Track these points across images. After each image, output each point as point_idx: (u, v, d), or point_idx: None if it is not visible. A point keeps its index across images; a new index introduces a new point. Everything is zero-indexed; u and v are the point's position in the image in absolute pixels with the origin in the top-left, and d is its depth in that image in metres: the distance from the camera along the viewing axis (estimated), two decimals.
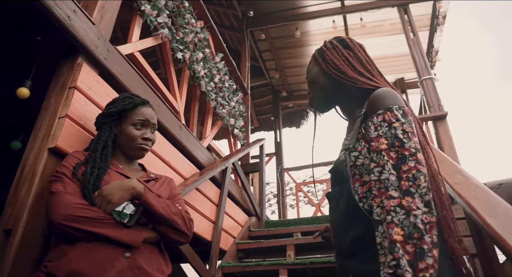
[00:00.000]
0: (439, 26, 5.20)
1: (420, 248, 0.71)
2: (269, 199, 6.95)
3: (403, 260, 0.71)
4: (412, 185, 0.77)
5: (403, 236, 0.73)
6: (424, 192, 0.76)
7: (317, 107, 1.16)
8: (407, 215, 0.74)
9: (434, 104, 3.62)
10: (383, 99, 0.91)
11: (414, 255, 0.70)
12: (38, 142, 1.37)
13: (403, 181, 0.78)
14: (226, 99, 3.59)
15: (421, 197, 0.76)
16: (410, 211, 0.74)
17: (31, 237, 1.21)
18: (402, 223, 0.74)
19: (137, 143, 1.34)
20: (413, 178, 0.78)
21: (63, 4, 1.46)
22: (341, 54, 1.09)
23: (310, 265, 2.35)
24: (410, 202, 0.75)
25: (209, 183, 2.68)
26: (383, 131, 0.86)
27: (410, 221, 0.73)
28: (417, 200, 0.76)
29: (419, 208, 0.74)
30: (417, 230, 0.72)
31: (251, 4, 5.35)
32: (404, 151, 0.81)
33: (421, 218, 0.74)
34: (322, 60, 1.12)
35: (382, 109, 0.89)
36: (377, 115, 0.89)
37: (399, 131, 0.84)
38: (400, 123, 0.85)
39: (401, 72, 6.32)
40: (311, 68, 1.16)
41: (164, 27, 2.47)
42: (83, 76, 1.51)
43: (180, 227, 1.21)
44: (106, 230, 1.07)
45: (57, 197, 1.08)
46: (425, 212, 0.74)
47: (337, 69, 1.06)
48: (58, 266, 1.02)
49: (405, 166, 0.80)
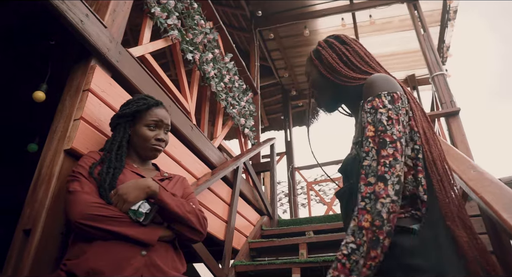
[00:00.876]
0: (450, 21, 5.13)
1: (376, 237, 0.74)
2: (280, 198, 6.95)
3: (363, 247, 0.74)
4: (387, 172, 0.79)
5: (369, 223, 0.76)
6: (396, 180, 0.78)
7: (325, 109, 1.18)
8: (376, 201, 0.77)
9: (446, 100, 3.57)
10: (374, 86, 0.93)
11: (370, 243, 0.74)
12: (54, 144, 1.41)
13: (380, 166, 0.80)
14: (236, 99, 3.61)
15: (393, 185, 0.78)
16: (378, 198, 0.77)
17: (49, 237, 1.23)
18: (371, 210, 0.77)
19: (151, 143, 1.36)
20: (389, 165, 0.80)
21: (76, 8, 1.49)
22: (338, 49, 1.08)
23: (323, 263, 2.35)
24: (382, 189, 0.78)
25: (221, 183, 2.70)
26: (371, 119, 0.89)
27: (376, 208, 0.76)
28: (389, 187, 0.78)
29: (389, 196, 0.77)
30: (380, 219, 0.75)
31: (259, 4, 5.36)
32: (385, 137, 0.84)
33: (388, 207, 0.76)
34: (318, 61, 1.12)
35: (372, 95, 0.92)
36: (367, 102, 0.92)
37: (384, 117, 0.86)
38: (386, 109, 0.88)
39: (412, 68, 6.25)
40: (310, 70, 1.16)
41: (174, 28, 2.49)
42: (96, 78, 1.54)
43: (194, 225, 1.23)
44: (123, 228, 1.09)
45: (75, 196, 1.11)
46: (394, 200, 0.77)
47: (333, 70, 1.06)
48: (77, 264, 1.04)
49: (384, 151, 0.82)
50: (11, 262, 1.20)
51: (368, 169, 0.82)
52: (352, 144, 1.02)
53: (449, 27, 5.23)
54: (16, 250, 1.22)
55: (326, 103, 1.15)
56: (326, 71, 1.08)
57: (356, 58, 1.06)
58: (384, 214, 0.75)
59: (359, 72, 1.03)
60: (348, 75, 1.03)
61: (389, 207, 0.76)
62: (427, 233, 0.81)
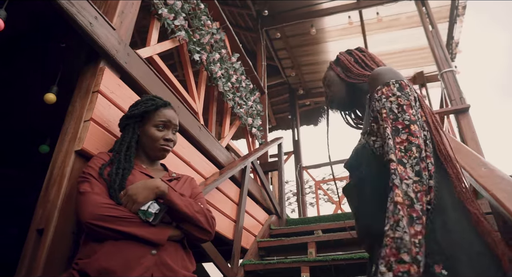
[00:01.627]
0: (459, 17, 5.07)
1: (410, 215, 0.75)
2: (288, 197, 6.94)
3: (402, 222, 0.74)
4: (404, 156, 0.83)
5: (401, 198, 0.78)
6: (415, 162, 0.82)
7: (337, 106, 1.26)
8: (401, 181, 0.80)
9: (455, 97, 3.54)
10: (380, 76, 0.99)
11: (408, 219, 0.75)
12: (65, 145, 1.43)
13: (397, 150, 0.84)
14: (243, 99, 3.62)
15: (412, 167, 0.82)
16: (402, 179, 0.80)
17: (62, 236, 1.26)
18: (399, 187, 0.79)
19: (159, 144, 1.37)
20: (405, 149, 0.84)
21: (85, 11, 1.51)
22: (356, 55, 1.22)
23: (332, 262, 2.35)
24: (403, 171, 0.81)
25: (229, 182, 2.71)
26: (383, 105, 0.93)
27: (403, 188, 0.79)
28: (408, 170, 0.81)
29: (410, 178, 0.80)
30: (408, 198, 0.77)
31: (265, 4, 5.36)
32: (397, 125, 0.88)
33: (412, 188, 0.79)
34: (335, 65, 1.26)
35: (380, 84, 0.96)
36: (377, 91, 0.96)
37: (394, 105, 0.91)
38: (395, 97, 0.92)
39: (420, 65, 6.19)
40: (327, 74, 1.29)
41: (181, 29, 2.51)
42: (105, 80, 1.56)
43: (203, 225, 1.24)
44: (133, 228, 1.10)
45: (85, 197, 1.12)
46: (416, 181, 0.80)
47: (347, 70, 1.18)
48: (88, 263, 1.06)
49: (398, 138, 0.86)
50: (25, 261, 1.22)
51: (387, 147, 0.86)
52: (361, 134, 1.07)
53: (458, 23, 5.18)
54: (30, 249, 1.25)
55: (339, 100, 1.23)
56: (342, 72, 1.21)
57: (370, 61, 1.18)
58: (411, 193, 0.78)
59: (369, 70, 1.13)
60: (360, 73, 1.13)
61: (413, 187, 0.79)
62: (437, 219, 0.82)
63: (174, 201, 1.17)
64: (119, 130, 1.45)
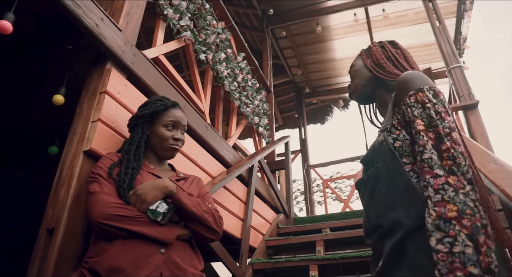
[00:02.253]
0: (467, 12, 5.01)
1: (475, 224, 0.72)
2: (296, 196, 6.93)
3: (460, 236, 0.71)
4: (453, 165, 0.79)
5: (457, 211, 0.74)
6: (465, 170, 0.78)
7: (356, 98, 1.22)
8: (456, 193, 0.75)
9: (464, 93, 3.49)
10: (412, 81, 0.94)
11: (472, 230, 0.71)
12: (73, 146, 1.44)
13: (444, 161, 0.80)
14: (250, 98, 3.62)
15: (463, 175, 0.77)
16: (458, 189, 0.76)
17: (71, 235, 1.27)
18: (453, 199, 0.75)
19: (169, 143, 1.39)
20: (453, 157, 0.80)
21: (91, 13, 1.52)
22: (388, 51, 1.16)
23: (340, 260, 2.34)
24: (456, 181, 0.77)
25: (236, 181, 2.71)
26: (418, 112, 0.89)
27: (460, 198, 0.75)
28: (461, 178, 0.77)
29: (465, 186, 0.76)
30: (468, 207, 0.73)
31: (270, 3, 5.36)
32: (439, 131, 0.84)
33: (470, 197, 0.75)
34: (366, 56, 1.20)
35: (413, 90, 0.92)
36: (409, 97, 0.92)
37: (432, 112, 0.86)
38: (432, 103, 0.88)
39: (428, 62, 6.13)
40: (355, 62, 1.23)
41: (187, 29, 2.52)
42: (112, 81, 1.58)
43: (210, 225, 1.25)
44: (142, 228, 1.11)
45: (95, 197, 1.14)
46: (471, 189, 0.76)
47: (377, 64, 1.13)
48: (98, 262, 1.07)
49: (444, 145, 0.82)
50: (36, 260, 1.24)
51: (431, 161, 0.82)
52: (379, 131, 1.05)
53: (465, 18, 5.11)
54: (40, 249, 1.27)
55: (360, 93, 1.19)
56: (371, 64, 1.15)
57: (403, 60, 1.13)
58: (470, 202, 0.74)
59: (403, 70, 1.08)
60: (391, 71, 1.09)
61: (471, 196, 0.75)
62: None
63: (182, 200, 1.18)
64: (128, 131, 1.46)
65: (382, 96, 1.13)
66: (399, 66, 1.10)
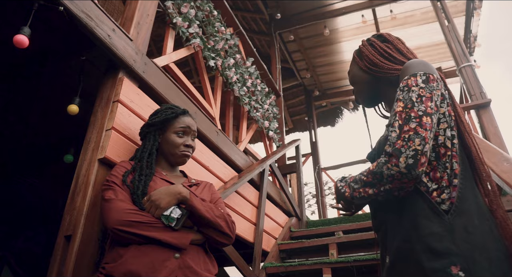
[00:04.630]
0: (476, 10, 4.96)
1: (370, 183, 0.92)
2: (308, 199, 6.90)
3: (360, 179, 0.96)
4: (404, 145, 0.82)
5: (371, 174, 0.91)
6: (411, 154, 0.81)
7: (362, 102, 1.20)
8: (384, 164, 0.86)
9: (475, 92, 3.45)
10: (410, 67, 0.96)
11: (366, 182, 0.93)
12: (88, 154, 1.48)
13: (399, 140, 0.84)
14: (259, 102, 3.64)
15: (406, 158, 0.81)
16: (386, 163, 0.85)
17: (88, 242, 1.30)
18: (376, 169, 0.89)
19: (180, 150, 1.41)
20: (408, 139, 0.82)
21: (103, 24, 1.57)
22: (379, 47, 1.11)
23: (354, 263, 2.33)
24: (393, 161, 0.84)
25: (248, 186, 2.72)
26: (403, 96, 0.91)
27: (381, 169, 0.86)
28: (401, 159, 0.82)
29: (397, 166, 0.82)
30: (380, 175, 0.87)
31: (277, 7, 5.39)
32: (411, 113, 0.86)
33: (390, 173, 0.84)
34: (359, 59, 1.17)
35: (407, 75, 0.94)
36: (402, 81, 0.94)
37: (414, 95, 0.89)
38: (418, 88, 0.90)
39: (438, 61, 6.07)
40: (351, 68, 1.21)
41: (196, 37, 2.55)
42: (124, 90, 1.61)
43: (223, 230, 1.26)
44: (156, 233, 1.13)
45: (110, 204, 1.17)
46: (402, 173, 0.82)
47: (372, 63, 1.10)
48: (115, 267, 1.09)
49: (406, 126, 0.84)
50: (55, 266, 1.28)
51: (390, 139, 0.87)
52: (386, 126, 1.05)
53: (475, 17, 5.05)
54: (58, 255, 1.30)
55: (365, 97, 1.18)
56: (366, 66, 1.13)
57: (396, 53, 1.09)
58: (384, 174, 0.85)
59: (400, 64, 1.06)
60: (390, 67, 1.06)
61: (393, 173, 0.83)
62: (457, 220, 0.81)
63: (195, 206, 1.20)
64: (140, 139, 1.49)
65: (387, 94, 1.11)
66: (395, 60, 1.07)
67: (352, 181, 0.99)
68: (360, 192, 0.94)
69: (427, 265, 0.77)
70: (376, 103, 1.21)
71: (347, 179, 1.05)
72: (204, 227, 1.24)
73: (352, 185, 0.99)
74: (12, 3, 1.56)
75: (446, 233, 0.79)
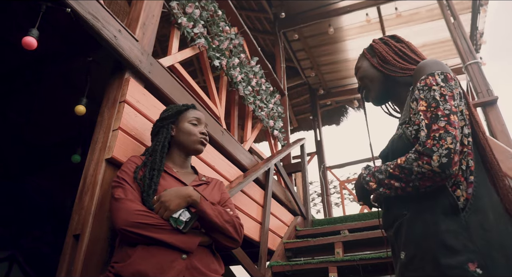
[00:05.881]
0: (482, 7, 4.92)
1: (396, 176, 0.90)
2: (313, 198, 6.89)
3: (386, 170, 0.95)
4: (436, 144, 0.82)
5: (399, 168, 0.90)
6: (444, 153, 0.81)
7: (372, 100, 1.19)
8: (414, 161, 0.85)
9: (482, 90, 3.43)
10: (426, 67, 0.96)
11: (391, 175, 0.92)
12: (96, 154, 1.50)
13: (429, 139, 0.83)
14: (264, 102, 3.64)
15: (439, 157, 0.81)
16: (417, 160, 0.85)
17: (97, 241, 1.32)
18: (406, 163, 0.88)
19: (198, 136, 1.46)
20: (439, 138, 0.82)
21: (109, 25, 1.58)
22: (394, 46, 1.13)
23: (360, 261, 2.33)
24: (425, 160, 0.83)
25: (253, 185, 2.73)
26: (424, 95, 0.92)
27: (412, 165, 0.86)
28: (434, 158, 0.81)
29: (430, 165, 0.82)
30: (409, 172, 0.86)
31: (282, 6, 5.38)
32: (438, 111, 0.86)
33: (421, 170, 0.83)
34: (371, 55, 1.17)
35: (424, 75, 0.94)
36: (420, 81, 0.94)
37: (437, 94, 0.89)
38: (439, 86, 0.90)
39: (444, 58, 6.03)
40: (360, 65, 1.20)
41: (201, 37, 2.56)
42: (131, 90, 1.63)
43: (231, 235, 1.27)
44: (164, 236, 1.14)
45: (119, 203, 1.18)
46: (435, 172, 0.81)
47: (385, 61, 1.11)
48: (124, 267, 1.11)
49: (435, 125, 0.84)
50: (64, 265, 1.29)
51: (420, 138, 0.86)
52: (399, 124, 1.06)
53: (481, 13, 5.01)
54: (67, 255, 1.31)
55: (376, 94, 1.17)
56: (379, 63, 1.13)
57: (411, 53, 1.11)
58: (414, 171, 0.85)
59: (415, 63, 1.06)
60: (404, 66, 1.07)
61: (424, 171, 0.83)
62: (472, 217, 0.82)
63: (205, 211, 1.20)
64: (151, 138, 1.51)
65: (399, 93, 1.11)
66: (410, 59, 1.08)
67: (377, 171, 0.98)
68: (386, 183, 0.92)
69: (443, 262, 0.77)
70: (385, 102, 1.21)
71: (370, 168, 1.03)
72: (212, 231, 1.24)
73: (376, 174, 0.97)
74: (21, 6, 1.58)
75: (462, 230, 0.79)
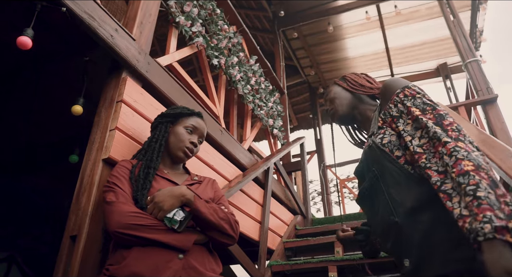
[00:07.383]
0: (482, 5, 4.90)
1: (491, 177, 0.73)
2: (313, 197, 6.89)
3: (482, 184, 0.71)
4: (459, 135, 0.83)
5: (473, 166, 0.75)
6: (471, 140, 0.82)
7: (338, 119, 1.31)
8: (469, 153, 0.78)
9: (482, 88, 3.41)
10: (395, 82, 1.03)
11: (490, 181, 0.72)
12: (93, 154, 1.48)
13: (449, 132, 0.84)
14: (263, 100, 3.63)
15: (471, 144, 0.81)
16: (469, 151, 0.78)
17: (93, 242, 1.31)
18: (467, 157, 0.77)
19: (184, 145, 1.42)
20: (457, 129, 0.84)
21: (106, 24, 1.56)
22: (359, 74, 1.32)
23: (359, 260, 2.32)
24: (465, 146, 0.80)
25: (253, 184, 2.72)
26: (411, 103, 0.95)
27: (473, 157, 0.77)
28: (469, 145, 0.80)
29: (475, 151, 0.79)
30: (483, 164, 0.76)
31: (281, 4, 5.36)
32: (439, 112, 0.90)
33: (482, 158, 0.78)
34: (343, 81, 1.33)
35: (398, 88, 1.00)
36: (397, 94, 1.00)
37: (425, 99, 0.94)
38: (421, 94, 0.96)
39: (443, 57, 6.02)
40: (331, 89, 1.35)
41: (199, 35, 2.55)
42: (128, 89, 1.61)
43: (227, 231, 1.26)
44: (158, 236, 1.13)
45: (112, 206, 1.16)
46: (481, 154, 0.79)
47: (358, 84, 1.27)
48: (119, 269, 1.09)
49: (446, 121, 0.87)
50: (61, 266, 1.28)
51: (437, 134, 0.85)
52: (367, 137, 1.12)
53: (481, 11, 5.00)
54: (64, 255, 1.31)
55: (344, 111, 1.28)
56: (349, 86, 1.29)
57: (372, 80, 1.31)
58: (482, 161, 0.77)
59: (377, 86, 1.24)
60: (369, 86, 1.25)
61: (481, 158, 0.78)
62: None
63: (199, 209, 1.19)
64: (150, 131, 1.50)
65: (364, 111, 1.23)
66: (374, 83, 1.27)
67: (502, 214, 0.69)
68: (510, 202, 0.71)
69: (450, 256, 0.79)
70: (350, 123, 1.32)
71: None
72: (207, 229, 1.23)
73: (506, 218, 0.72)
74: (15, 4, 1.57)
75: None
